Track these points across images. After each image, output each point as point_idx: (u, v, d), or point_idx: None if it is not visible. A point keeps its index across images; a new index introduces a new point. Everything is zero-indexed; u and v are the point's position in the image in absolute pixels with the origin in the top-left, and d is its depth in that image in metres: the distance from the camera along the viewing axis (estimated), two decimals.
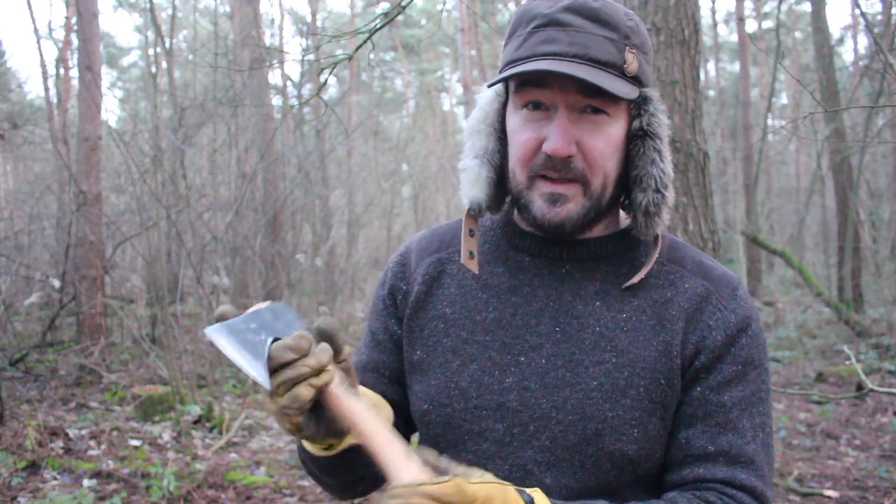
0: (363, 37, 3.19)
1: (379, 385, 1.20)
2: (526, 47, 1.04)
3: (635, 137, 1.08)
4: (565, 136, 1.02)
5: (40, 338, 8.01)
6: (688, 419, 1.06)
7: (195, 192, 8.03)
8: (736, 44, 19.43)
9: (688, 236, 2.71)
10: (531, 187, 1.07)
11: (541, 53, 1.02)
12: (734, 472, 1.03)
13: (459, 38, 15.54)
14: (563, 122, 1.03)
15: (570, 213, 1.06)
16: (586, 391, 1.05)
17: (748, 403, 1.06)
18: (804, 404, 6.67)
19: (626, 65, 1.03)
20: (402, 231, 14.96)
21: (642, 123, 1.07)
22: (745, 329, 1.08)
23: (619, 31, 1.03)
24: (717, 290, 1.10)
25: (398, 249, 1.29)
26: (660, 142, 1.07)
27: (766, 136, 11.17)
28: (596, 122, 1.04)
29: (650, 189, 1.07)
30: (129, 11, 19.99)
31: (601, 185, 1.06)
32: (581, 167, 1.04)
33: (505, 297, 1.13)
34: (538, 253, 1.14)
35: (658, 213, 1.08)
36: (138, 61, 25.16)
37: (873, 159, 13.28)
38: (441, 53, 28.24)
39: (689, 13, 2.76)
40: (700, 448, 1.05)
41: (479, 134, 1.15)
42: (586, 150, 1.04)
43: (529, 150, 1.06)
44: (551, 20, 1.03)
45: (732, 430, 1.05)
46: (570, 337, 1.08)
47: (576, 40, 1.01)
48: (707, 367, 1.07)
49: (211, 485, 4.43)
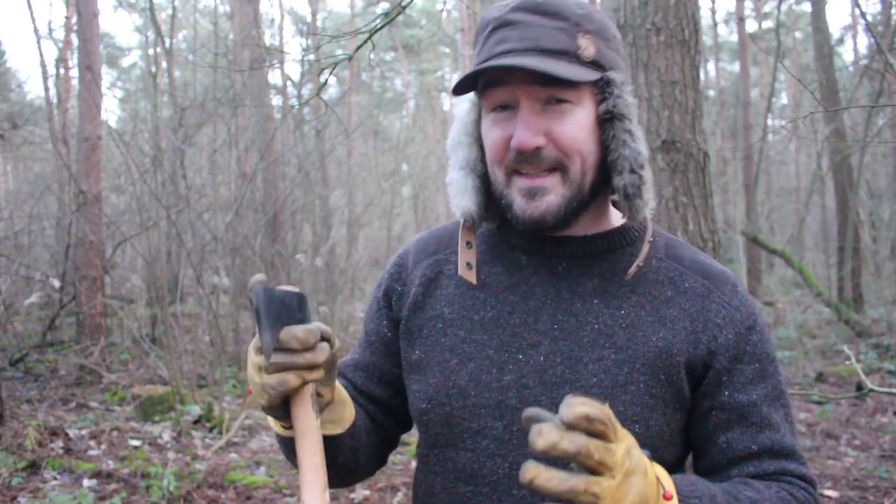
0: (363, 37, 3.18)
1: (367, 384, 1.24)
2: (483, 52, 1.07)
3: (605, 122, 1.08)
4: (529, 128, 1.03)
5: (40, 338, 8.02)
6: (724, 423, 1.09)
7: (195, 192, 8.03)
8: (736, 44, 19.45)
9: (688, 236, 2.71)
10: (510, 185, 1.08)
11: (495, 54, 1.05)
12: (783, 464, 1.08)
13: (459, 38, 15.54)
14: (525, 115, 1.04)
15: (550, 206, 1.06)
16: (586, 388, 1.06)
17: (773, 397, 1.10)
18: (804, 404, 6.67)
19: (581, 50, 1.05)
20: (402, 231, 14.97)
21: (608, 106, 1.07)
22: (753, 326, 1.11)
23: (569, 20, 1.05)
24: (717, 288, 1.12)
25: (397, 252, 1.30)
26: (629, 122, 1.08)
27: (766, 136, 11.17)
28: (561, 111, 1.05)
29: (626, 171, 1.07)
30: (129, 11, 20.00)
31: (580, 169, 1.06)
32: (554, 155, 1.05)
33: (502, 295, 1.14)
34: (534, 251, 1.15)
35: (638, 194, 1.07)
36: (138, 61, 25.19)
37: (873, 159, 13.28)
38: (441, 53, 28.25)
39: (689, 13, 2.76)
40: (744, 449, 1.08)
41: (461, 146, 1.17)
42: (556, 137, 1.04)
43: (500, 148, 1.07)
44: (502, 22, 1.06)
45: (769, 426, 1.08)
46: (569, 334, 1.09)
47: (525, 34, 1.04)
48: (727, 369, 1.08)
49: (211, 485, 4.43)
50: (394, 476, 4.69)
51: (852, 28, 20.78)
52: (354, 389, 1.24)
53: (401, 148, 15.11)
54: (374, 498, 4.33)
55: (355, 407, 1.18)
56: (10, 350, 7.31)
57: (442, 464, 1.13)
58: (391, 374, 1.23)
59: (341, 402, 1.08)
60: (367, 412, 1.24)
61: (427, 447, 1.17)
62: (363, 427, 1.18)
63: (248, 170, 8.45)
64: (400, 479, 4.63)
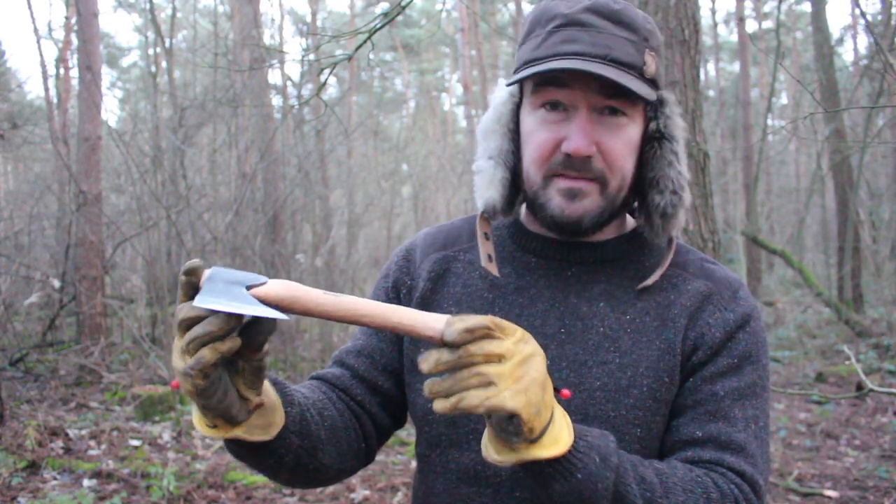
0: (363, 37, 3.19)
1: (371, 371, 1.19)
2: (546, 47, 1.04)
3: (651, 140, 1.08)
4: (587, 135, 1.02)
5: (40, 338, 8.01)
6: (680, 408, 1.07)
7: (195, 192, 8.03)
8: (736, 44, 19.43)
9: (688, 236, 2.71)
10: (547, 186, 1.06)
11: (563, 53, 1.01)
12: (722, 455, 1.02)
13: (459, 38, 15.54)
14: (583, 122, 1.02)
15: (588, 209, 1.05)
16: (590, 391, 1.05)
17: (741, 395, 1.06)
18: (804, 404, 6.67)
19: (646, 66, 1.04)
20: (402, 231, 14.96)
21: (659, 126, 1.07)
22: (743, 326, 1.09)
23: (639, 34, 1.04)
24: (718, 291, 1.11)
25: (403, 244, 1.29)
26: (676, 144, 1.08)
27: (766, 136, 11.17)
28: (615, 124, 1.04)
29: (668, 191, 1.07)
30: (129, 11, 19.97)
31: (618, 186, 1.06)
32: (600, 167, 1.04)
33: (511, 297, 1.13)
34: (544, 254, 1.14)
35: (675, 214, 1.08)
36: (138, 61, 25.15)
37: (873, 159, 13.28)
38: (441, 53, 28.23)
39: (689, 13, 2.76)
40: (689, 434, 1.05)
41: (494, 134, 1.14)
42: (605, 151, 1.03)
43: (547, 150, 1.05)
44: (572, 20, 1.03)
45: (723, 418, 1.04)
46: (575, 338, 1.08)
47: (598, 41, 1.01)
48: (703, 362, 1.07)
49: (211, 485, 4.43)
50: (394, 476, 4.69)
51: (852, 28, 20.76)
52: (354, 377, 1.19)
53: (401, 148, 15.11)
54: (374, 498, 4.33)
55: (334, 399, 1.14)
56: (10, 350, 7.30)
57: (444, 464, 1.13)
58: (395, 365, 1.20)
59: (271, 407, 0.98)
60: (360, 404, 1.18)
61: (428, 447, 1.16)
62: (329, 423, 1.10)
63: (248, 170, 8.45)
64: (400, 479, 4.62)
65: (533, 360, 0.84)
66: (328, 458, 1.09)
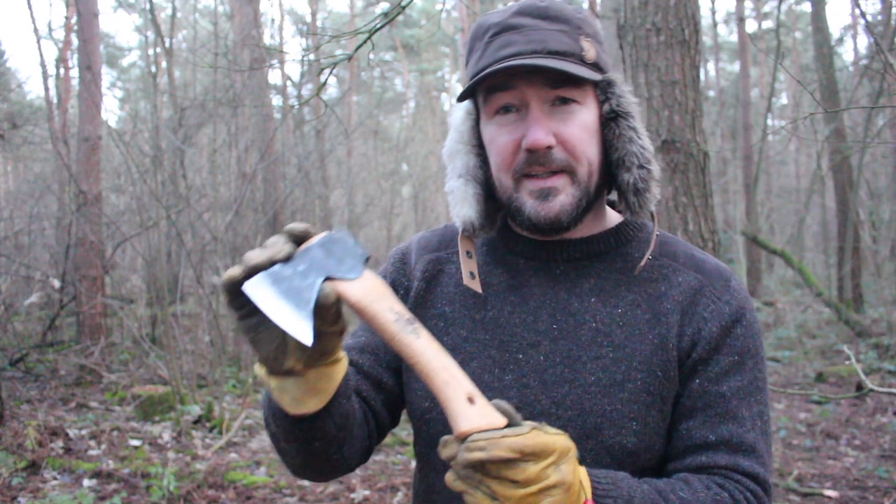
0: (363, 37, 3.19)
1: (375, 368, 1.19)
2: (486, 56, 1.07)
3: (608, 121, 1.09)
4: (543, 127, 1.04)
5: (40, 338, 8.02)
6: (688, 411, 1.08)
7: (195, 192, 8.03)
8: (736, 44, 19.45)
9: (688, 236, 2.71)
10: (519, 189, 1.08)
11: (501, 57, 1.05)
12: (737, 459, 1.05)
13: (459, 38, 15.55)
14: (537, 116, 1.05)
15: (564, 205, 1.07)
16: (584, 386, 1.06)
17: (746, 392, 1.08)
18: (804, 404, 6.67)
19: (584, 52, 1.07)
20: (402, 231, 14.97)
21: (612, 105, 1.09)
22: (739, 319, 1.10)
23: (571, 24, 1.07)
24: (710, 283, 1.12)
25: (397, 247, 1.30)
26: (633, 120, 1.09)
27: (766, 136, 11.18)
28: (568, 112, 1.06)
29: (634, 166, 1.08)
30: (129, 11, 19.98)
31: (587, 172, 1.08)
32: (563, 157, 1.06)
33: (503, 295, 1.14)
34: (533, 256, 1.16)
35: (647, 188, 1.09)
36: (138, 61, 25.17)
37: (873, 159, 13.28)
38: (441, 53, 28.24)
39: (689, 13, 2.76)
40: (701, 438, 1.06)
41: (458, 154, 1.16)
42: (565, 140, 1.05)
43: (509, 152, 1.07)
44: (504, 26, 1.07)
45: (732, 419, 1.06)
46: (567, 334, 1.09)
47: (532, 38, 1.05)
48: (704, 359, 1.08)
49: (211, 485, 4.43)
50: (394, 476, 4.69)
51: (852, 28, 20.77)
52: (358, 374, 1.18)
53: (401, 148, 15.12)
54: (374, 498, 4.33)
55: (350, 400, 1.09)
56: (10, 350, 7.31)
57: (443, 462, 1.13)
58: (397, 363, 1.20)
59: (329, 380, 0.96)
60: (366, 401, 1.18)
61: (427, 445, 1.16)
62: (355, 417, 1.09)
63: (248, 170, 8.45)
64: (400, 479, 4.63)
65: (555, 490, 0.83)
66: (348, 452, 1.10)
